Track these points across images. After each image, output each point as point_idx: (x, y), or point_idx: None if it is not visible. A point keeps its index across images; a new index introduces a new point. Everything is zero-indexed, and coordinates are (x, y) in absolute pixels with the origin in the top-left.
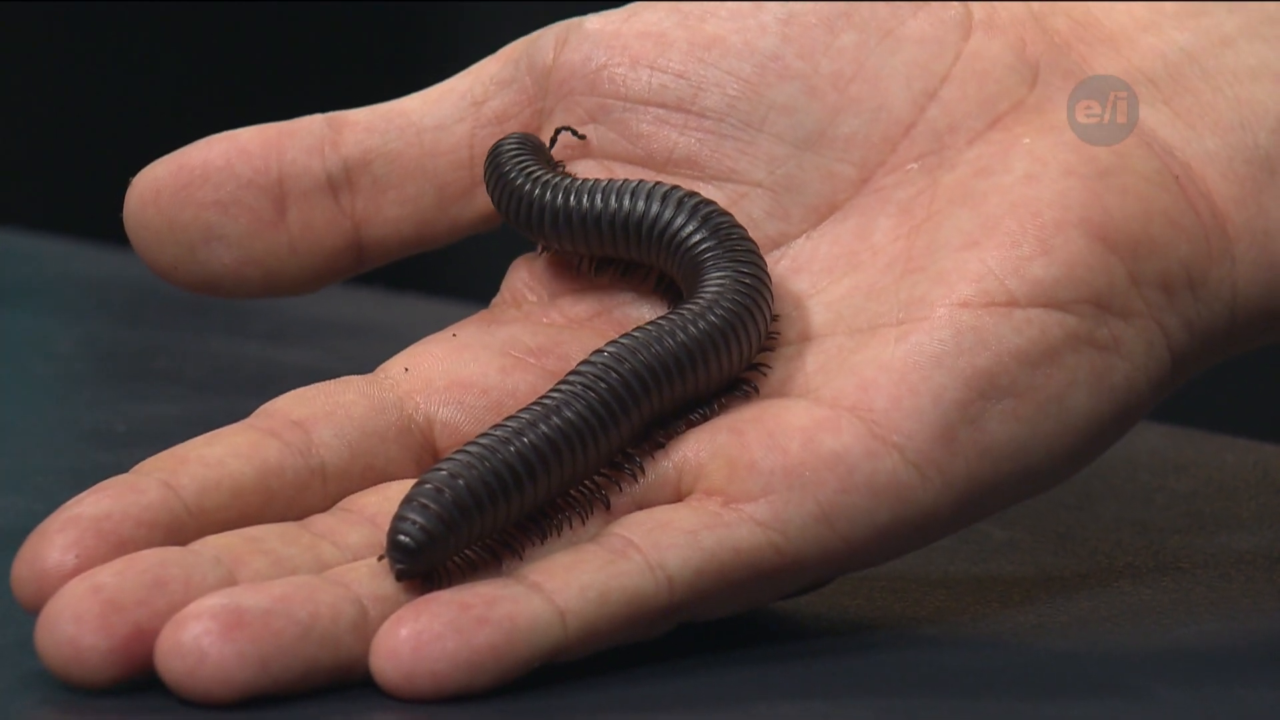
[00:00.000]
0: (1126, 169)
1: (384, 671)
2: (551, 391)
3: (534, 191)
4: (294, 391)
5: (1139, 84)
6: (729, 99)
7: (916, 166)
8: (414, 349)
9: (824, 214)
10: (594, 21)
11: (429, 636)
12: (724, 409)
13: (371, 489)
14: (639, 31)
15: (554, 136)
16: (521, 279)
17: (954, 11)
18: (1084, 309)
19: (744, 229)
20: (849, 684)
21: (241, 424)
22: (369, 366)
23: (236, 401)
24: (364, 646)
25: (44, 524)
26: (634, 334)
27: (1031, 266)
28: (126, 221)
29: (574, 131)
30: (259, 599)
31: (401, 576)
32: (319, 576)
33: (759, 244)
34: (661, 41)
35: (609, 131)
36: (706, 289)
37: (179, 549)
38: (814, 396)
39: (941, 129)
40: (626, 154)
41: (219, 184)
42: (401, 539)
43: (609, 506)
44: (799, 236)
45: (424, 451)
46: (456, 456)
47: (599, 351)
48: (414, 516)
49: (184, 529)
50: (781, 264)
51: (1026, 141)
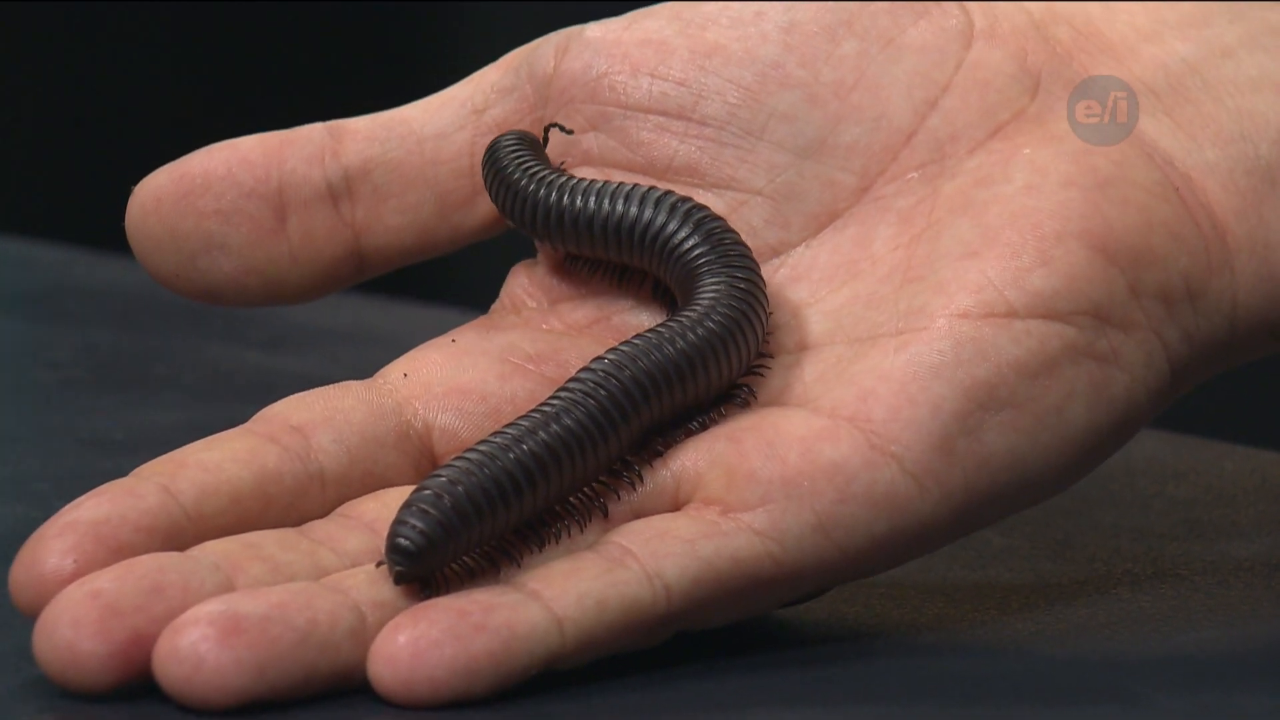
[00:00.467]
0: (1127, 180)
1: (381, 678)
2: (550, 399)
3: (529, 187)
4: (293, 396)
5: (1140, 94)
6: (730, 107)
7: (917, 175)
8: (413, 354)
9: (824, 222)
10: (595, 29)
11: (427, 643)
12: (722, 417)
13: (370, 495)
14: (640, 39)
15: (545, 133)
16: (521, 285)
17: (955, 21)
18: (1083, 320)
19: (737, 233)
20: (848, 690)
21: (240, 429)
22: (367, 373)
23: (235, 408)
24: (362, 653)
25: (42, 529)
26: (633, 341)
27: (1031, 277)
28: (128, 230)
29: (562, 127)
30: (257, 605)
31: (400, 580)
32: (317, 583)
33: (759, 252)
34: (662, 49)
35: (609, 139)
36: (702, 296)
37: (177, 554)
38: (812, 406)
39: (942, 138)
40: (627, 162)
41: (220, 193)
42: (400, 542)
43: (607, 515)
44: (799, 245)
45: (422, 457)
46: (455, 463)
47: (598, 359)
48: (413, 521)
49: (182, 534)
50: (781, 272)
51: (1027, 152)
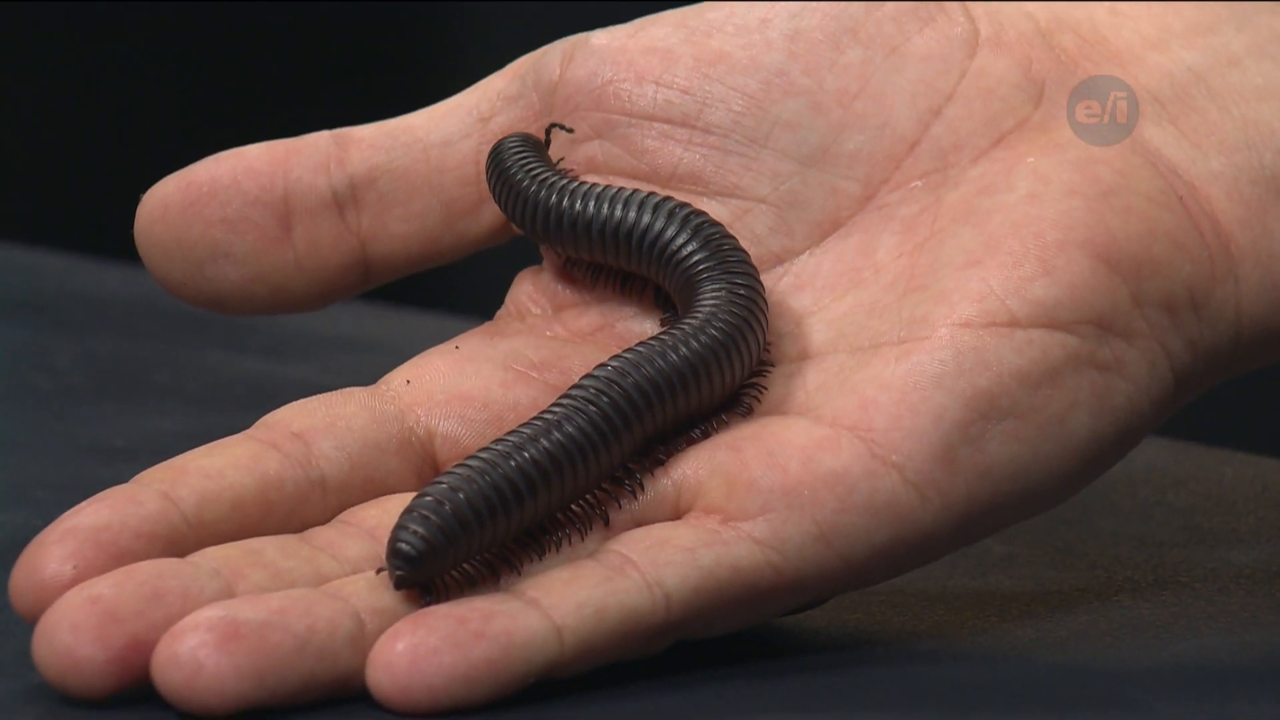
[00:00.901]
0: (1130, 189)
1: (380, 685)
2: (553, 406)
3: (531, 188)
4: (295, 403)
5: (1145, 103)
6: (734, 115)
7: (920, 184)
8: (416, 361)
9: (827, 230)
10: (600, 37)
11: (426, 650)
12: (723, 426)
13: (371, 502)
14: (645, 47)
15: (547, 133)
16: (526, 292)
17: (960, 29)
18: (1086, 330)
19: (735, 239)
20: (848, 698)
21: (242, 435)
22: (368, 381)
23: (235, 416)
24: (361, 660)
25: (42, 534)
26: (636, 349)
27: (1033, 287)
28: (137, 238)
29: (563, 126)
30: (256, 611)
31: (400, 585)
32: (316, 590)
33: (762, 260)
34: (667, 57)
35: (614, 147)
36: (703, 304)
37: (177, 561)
38: (814, 415)
39: (946, 147)
40: (631, 169)
41: (225, 201)
42: (401, 547)
43: (607, 523)
44: (802, 253)
45: (424, 464)
46: (457, 470)
47: (601, 366)
48: (414, 526)
49: (183, 540)
50: (784, 280)
51: (1031, 160)
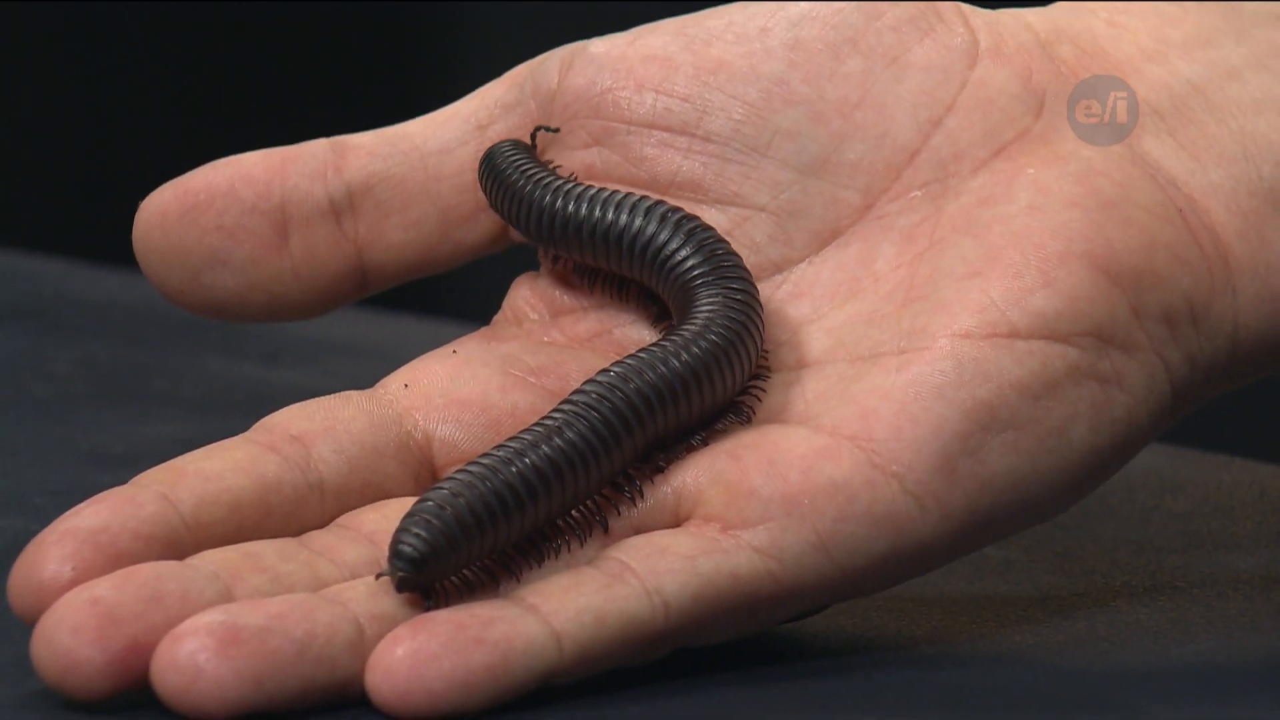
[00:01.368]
0: (1130, 201)
1: (380, 690)
2: (553, 413)
3: (526, 187)
4: (293, 406)
5: (1144, 115)
6: (734, 123)
7: (920, 194)
8: (414, 365)
9: (827, 240)
10: (599, 45)
11: (425, 656)
12: (723, 433)
13: (370, 506)
14: (644, 55)
15: (532, 136)
16: (523, 297)
17: (960, 39)
18: (1086, 341)
19: (728, 243)
20: (846, 703)
21: (240, 438)
22: (365, 387)
23: (233, 422)
24: (360, 665)
25: (41, 535)
26: (637, 355)
27: (1034, 298)
28: (135, 245)
29: (548, 128)
30: (255, 616)
31: (402, 586)
32: (316, 595)
33: (761, 268)
34: (667, 65)
35: (613, 154)
36: (700, 310)
37: (176, 563)
38: (814, 424)
39: (946, 157)
40: (630, 177)
41: (222, 209)
42: (404, 549)
43: (607, 530)
44: (801, 262)
45: (422, 468)
46: (458, 476)
47: (604, 371)
48: (417, 530)
49: (181, 542)
50: (783, 289)
51: (1031, 172)
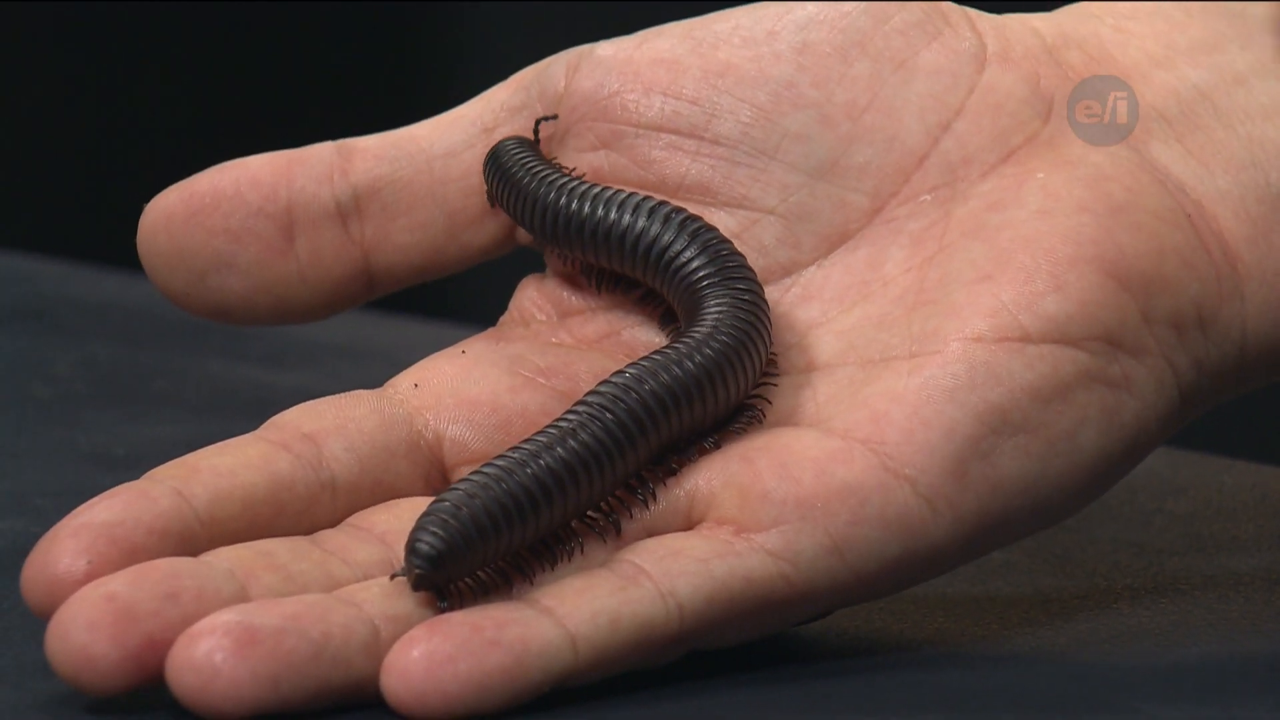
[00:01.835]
0: (1139, 206)
1: (395, 691)
2: (566, 415)
3: (531, 184)
4: (303, 405)
5: (1152, 120)
6: (742, 126)
7: (929, 198)
8: (423, 365)
9: (835, 243)
10: (606, 48)
11: (441, 657)
12: (736, 435)
13: (381, 506)
14: (652, 58)
15: (535, 128)
16: (530, 298)
17: (968, 43)
18: (1096, 346)
19: (732, 242)
20: (848, 705)
21: (252, 435)
22: (369, 388)
23: (235, 424)
24: (375, 666)
25: (55, 529)
26: (651, 357)
27: (1044, 302)
28: (140, 248)
29: (549, 117)
30: (272, 617)
31: (419, 584)
32: (331, 595)
33: (770, 271)
34: (675, 68)
35: (620, 157)
36: (709, 312)
37: (192, 560)
38: (826, 427)
39: (955, 161)
40: (639, 180)
41: (228, 212)
42: (421, 546)
43: (619, 533)
44: (810, 265)
45: (432, 468)
46: (473, 477)
47: (618, 374)
48: (434, 528)
49: (195, 538)
50: (792, 292)
51: (1040, 176)
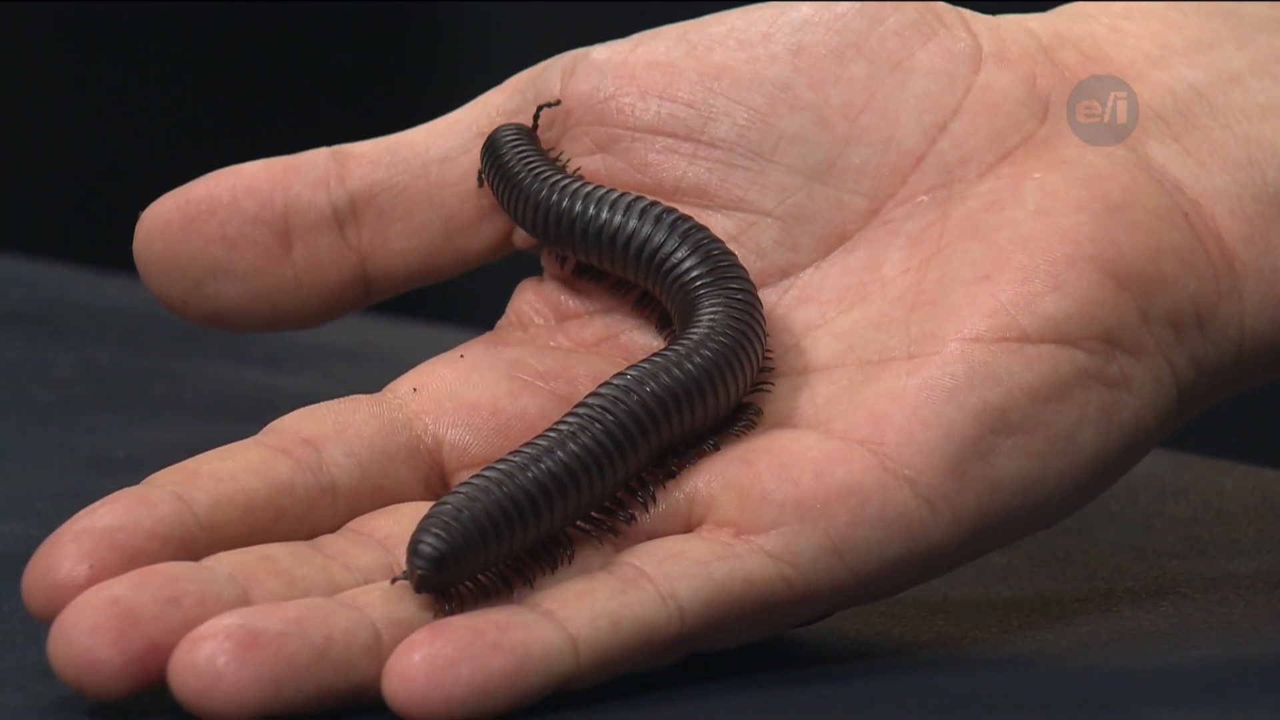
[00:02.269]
0: (1137, 205)
1: (397, 695)
2: (566, 418)
3: (525, 180)
4: (303, 409)
5: (1148, 120)
6: (739, 129)
7: (926, 199)
8: (421, 369)
9: (833, 245)
10: (601, 51)
11: (443, 661)
12: (734, 438)
13: (381, 511)
14: (647, 61)
15: (535, 115)
16: (528, 301)
17: (964, 44)
18: (1095, 345)
19: (723, 242)
20: (849, 708)
21: (251, 440)
22: (368, 392)
23: (236, 428)
24: (377, 670)
25: (56, 533)
26: (652, 359)
27: (1043, 302)
28: (135, 255)
29: (551, 104)
30: (274, 621)
31: (422, 585)
32: (333, 599)
33: (767, 273)
34: (670, 71)
35: (617, 160)
36: (704, 315)
37: (194, 565)
38: (824, 428)
39: (952, 162)
40: (636, 183)
41: (224, 219)
42: (424, 548)
43: (617, 535)
44: (808, 267)
45: (432, 473)
46: (474, 481)
47: (620, 375)
48: (436, 529)
49: (195, 543)
50: (790, 294)
51: (1037, 176)
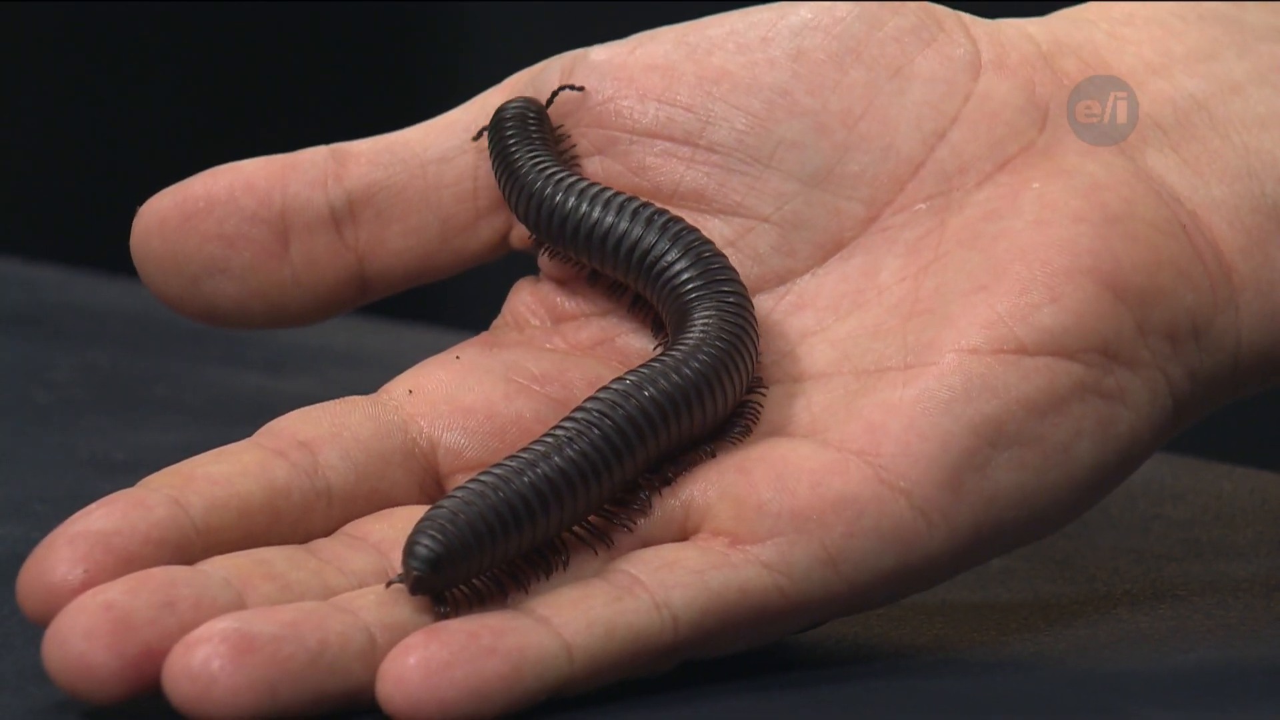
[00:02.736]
0: (1136, 216)
1: (391, 698)
2: (563, 423)
3: (524, 170)
4: (298, 411)
5: (1148, 129)
6: (737, 134)
7: (925, 207)
8: (417, 371)
9: (830, 251)
10: (600, 53)
11: (438, 664)
12: (730, 447)
13: (375, 515)
14: (646, 64)
15: (552, 97)
16: (524, 302)
17: (963, 50)
18: (1091, 358)
19: (714, 244)
20: (846, 711)
21: (248, 442)
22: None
23: (234, 430)
24: (371, 674)
25: (51, 536)
26: (650, 364)
27: (1040, 314)
28: (133, 252)
29: (573, 87)
30: (268, 624)
31: (418, 587)
32: (328, 603)
33: (764, 279)
34: (669, 74)
35: (615, 163)
36: (697, 321)
37: (189, 569)
38: (821, 438)
39: (950, 170)
40: (633, 187)
41: (222, 217)
42: (420, 550)
43: (611, 545)
44: (805, 273)
45: (427, 476)
46: (469, 485)
47: (617, 380)
48: (432, 532)
49: (191, 547)
50: (786, 300)
51: (1036, 186)
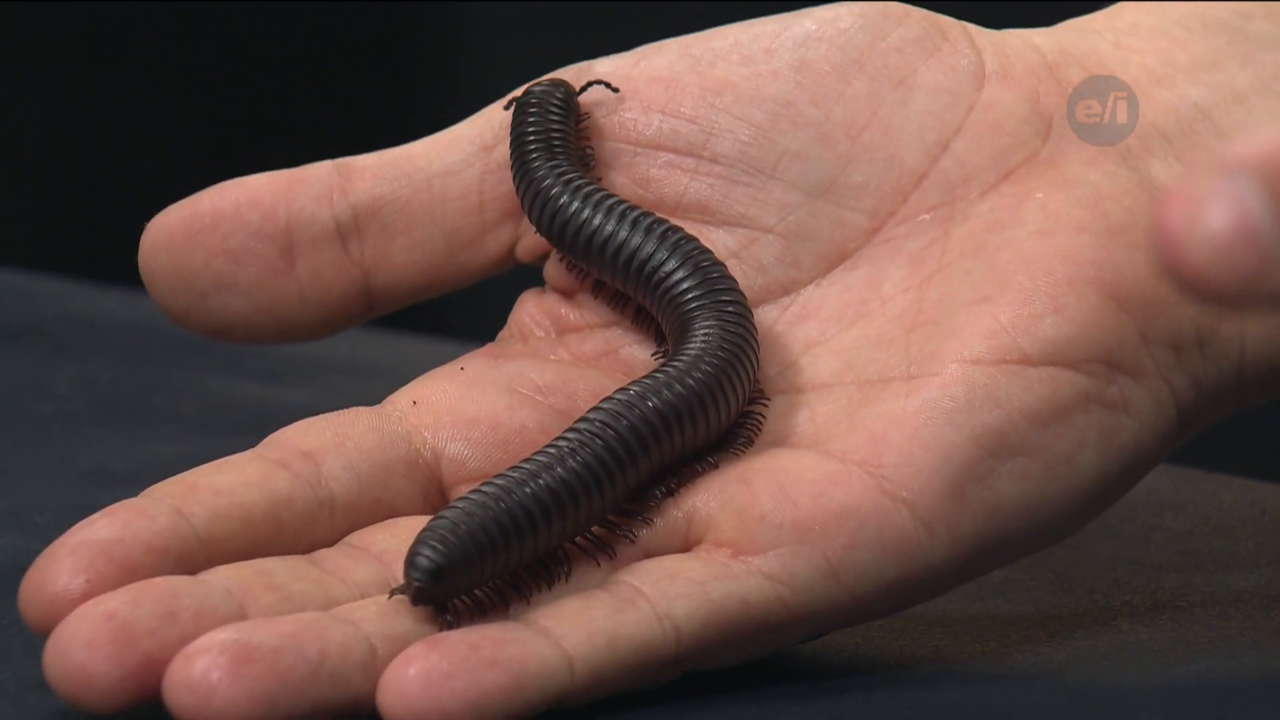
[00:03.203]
0: (1138, 226)
1: (392, 709)
2: (566, 433)
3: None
4: (302, 422)
5: (1151, 139)
6: (741, 145)
7: (928, 217)
8: (421, 382)
9: (834, 262)
10: (604, 65)
11: (438, 675)
12: (733, 457)
13: (378, 525)
14: (649, 76)
15: (585, 88)
16: (529, 313)
17: (967, 60)
18: (1095, 368)
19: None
20: None
21: (251, 453)
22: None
23: (235, 441)
24: (372, 685)
25: (53, 546)
26: (654, 375)
27: (1043, 324)
28: (141, 267)
29: (609, 85)
30: (269, 635)
31: (419, 598)
32: (328, 614)
33: (768, 290)
34: (673, 86)
35: (619, 175)
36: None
37: (190, 579)
38: (824, 448)
39: (954, 180)
40: (637, 198)
41: (228, 232)
42: (421, 560)
43: (613, 556)
44: (809, 284)
45: (431, 486)
46: (471, 496)
47: (620, 390)
48: (433, 542)
49: (193, 557)
50: (790, 311)
51: (1039, 196)
